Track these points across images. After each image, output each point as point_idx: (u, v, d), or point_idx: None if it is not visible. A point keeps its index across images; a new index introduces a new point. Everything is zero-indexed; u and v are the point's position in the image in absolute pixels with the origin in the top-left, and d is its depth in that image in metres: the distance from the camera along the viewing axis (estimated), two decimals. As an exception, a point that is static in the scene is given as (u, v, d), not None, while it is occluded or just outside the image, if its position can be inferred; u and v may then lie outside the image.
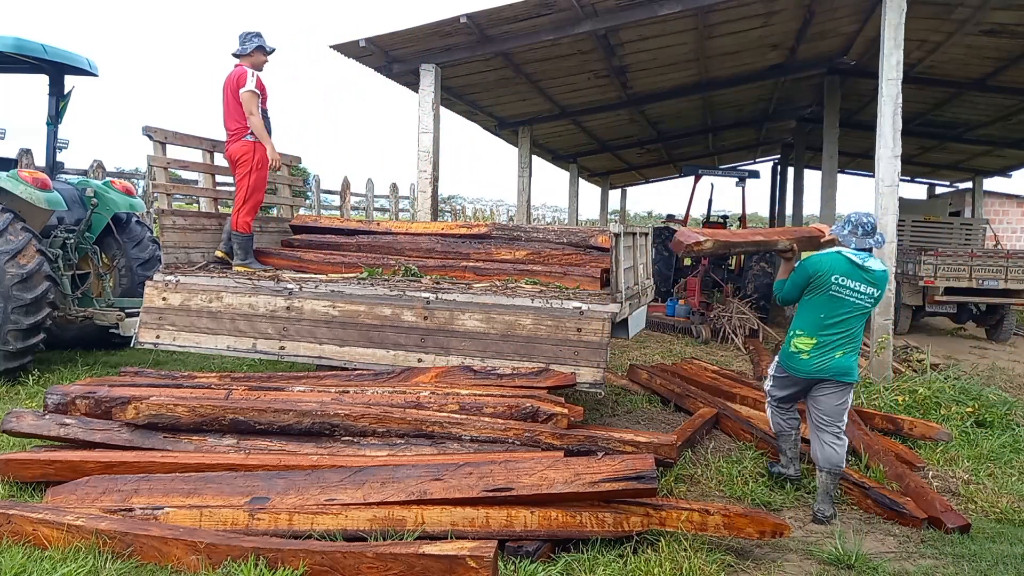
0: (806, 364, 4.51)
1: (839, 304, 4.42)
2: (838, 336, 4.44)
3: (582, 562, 3.55)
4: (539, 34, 8.87)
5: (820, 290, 4.45)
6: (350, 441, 4.28)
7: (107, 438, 4.37)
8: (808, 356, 4.49)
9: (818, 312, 4.47)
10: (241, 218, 6.67)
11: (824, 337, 4.45)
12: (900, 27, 7.70)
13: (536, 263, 6.60)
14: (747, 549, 3.92)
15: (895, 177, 7.68)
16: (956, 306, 12.17)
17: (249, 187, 6.61)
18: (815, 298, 4.48)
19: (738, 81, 13.50)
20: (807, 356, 4.50)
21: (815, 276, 4.46)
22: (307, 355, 5.91)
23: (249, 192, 6.62)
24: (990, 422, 6.33)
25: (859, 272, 4.40)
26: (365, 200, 20.77)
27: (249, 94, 6.46)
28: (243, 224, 6.68)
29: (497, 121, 14.26)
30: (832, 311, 4.43)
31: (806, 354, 4.50)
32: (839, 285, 4.40)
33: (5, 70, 7.58)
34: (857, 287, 4.40)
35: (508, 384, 5.00)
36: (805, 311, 4.55)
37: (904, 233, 14.13)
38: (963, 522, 4.30)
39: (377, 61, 9.18)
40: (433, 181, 9.34)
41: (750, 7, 9.46)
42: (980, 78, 12.37)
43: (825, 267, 4.43)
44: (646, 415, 6.58)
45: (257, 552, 3.30)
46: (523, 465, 3.71)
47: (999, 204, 21.38)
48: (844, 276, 4.40)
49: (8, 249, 6.39)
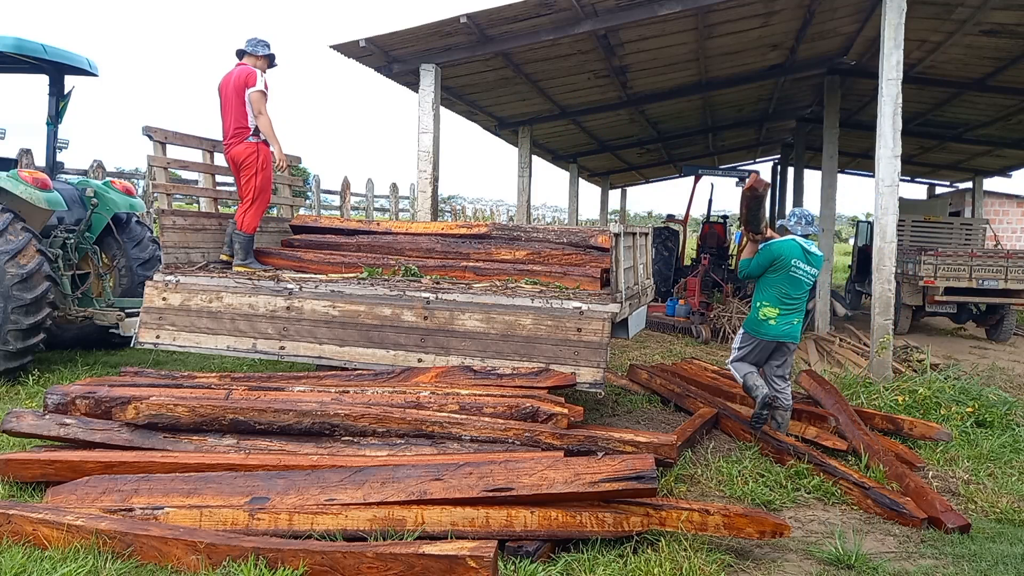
0: (775, 329, 5.64)
1: (796, 282, 5.59)
2: (794, 306, 5.64)
3: (582, 562, 3.55)
4: (539, 34, 8.87)
5: (782, 271, 5.57)
6: (350, 441, 4.28)
7: (107, 438, 4.37)
8: (776, 322, 5.62)
9: (780, 288, 5.60)
10: (248, 219, 6.67)
11: (785, 307, 5.61)
12: (900, 27, 7.70)
13: (536, 263, 6.60)
14: (747, 549, 3.92)
15: (895, 177, 7.69)
16: (956, 306, 12.17)
17: (256, 188, 6.60)
18: (777, 277, 5.60)
19: (738, 81, 13.49)
20: (775, 322, 5.62)
21: (778, 259, 5.57)
22: (307, 355, 5.91)
23: (257, 193, 6.62)
24: (990, 422, 6.33)
25: (807, 256, 5.62)
26: (365, 200, 20.76)
27: (259, 94, 6.41)
28: (249, 225, 6.68)
29: (497, 121, 14.26)
30: (791, 287, 5.59)
31: (774, 320, 5.62)
32: (796, 267, 5.57)
33: (5, 70, 7.58)
34: (807, 268, 5.61)
35: (508, 384, 5.00)
36: (768, 287, 5.65)
37: (904, 233, 14.11)
38: (963, 522, 4.30)
39: (377, 61, 9.18)
40: (433, 181, 9.34)
41: (750, 7, 9.46)
42: (980, 78, 12.36)
43: (787, 252, 5.58)
44: (646, 415, 6.58)
45: (257, 552, 3.31)
46: (523, 465, 3.71)
47: (999, 204, 21.36)
48: (799, 260, 5.58)
49: (8, 249, 6.39)
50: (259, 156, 6.57)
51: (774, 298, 5.59)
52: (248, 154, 6.54)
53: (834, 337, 10.94)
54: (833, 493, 4.79)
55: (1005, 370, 9.41)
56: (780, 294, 5.58)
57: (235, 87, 6.45)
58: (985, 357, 10.44)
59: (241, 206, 6.73)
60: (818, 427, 5.81)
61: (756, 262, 5.68)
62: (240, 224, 6.70)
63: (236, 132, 6.52)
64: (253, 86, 6.40)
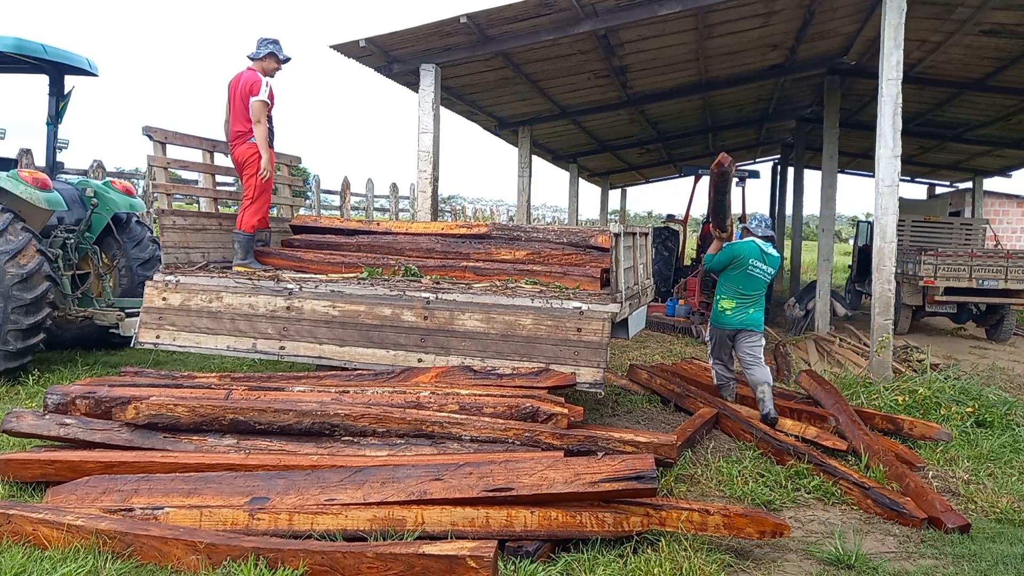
0: (730, 319, 6.36)
1: (752, 279, 6.29)
2: (750, 299, 6.31)
3: (582, 562, 3.55)
4: (539, 34, 8.87)
5: (740, 268, 6.27)
6: (350, 441, 4.28)
7: (107, 438, 4.37)
8: (731, 313, 6.34)
9: (737, 284, 6.32)
10: (247, 218, 6.74)
11: (740, 300, 6.31)
12: (900, 27, 7.70)
13: (536, 263, 6.60)
14: (747, 549, 3.92)
15: (895, 177, 7.69)
16: (956, 306, 12.17)
17: (256, 187, 6.68)
18: (736, 274, 6.30)
19: (738, 81, 13.48)
20: (731, 313, 6.34)
21: (738, 258, 6.28)
22: (307, 355, 5.91)
23: (257, 192, 6.70)
24: (990, 422, 6.33)
25: (764, 256, 6.31)
26: (365, 200, 20.75)
27: (260, 104, 6.53)
28: (248, 224, 6.74)
29: (497, 121, 14.26)
30: (747, 283, 6.29)
31: (730, 311, 6.34)
32: (753, 266, 6.27)
33: (5, 70, 7.58)
34: (763, 267, 6.29)
35: (508, 384, 5.00)
36: (728, 282, 6.37)
37: (904, 233, 14.10)
38: (963, 522, 4.30)
39: (377, 61, 9.18)
40: (433, 181, 9.34)
41: (750, 7, 9.46)
42: (980, 78, 12.36)
43: (746, 252, 6.29)
44: (646, 415, 6.58)
45: (257, 552, 3.30)
46: (523, 465, 3.71)
47: (999, 204, 21.36)
48: (756, 259, 6.27)
49: (8, 249, 6.39)
50: (260, 157, 6.65)
51: (731, 292, 6.34)
52: (250, 155, 6.65)
53: (834, 337, 10.94)
54: (833, 493, 4.79)
55: (1005, 370, 9.41)
56: (736, 289, 6.31)
57: (241, 93, 6.59)
58: (985, 357, 10.44)
59: (242, 205, 6.80)
60: (818, 427, 5.81)
61: (719, 258, 6.42)
62: (239, 223, 6.75)
63: (240, 134, 6.66)
64: (256, 95, 6.52)
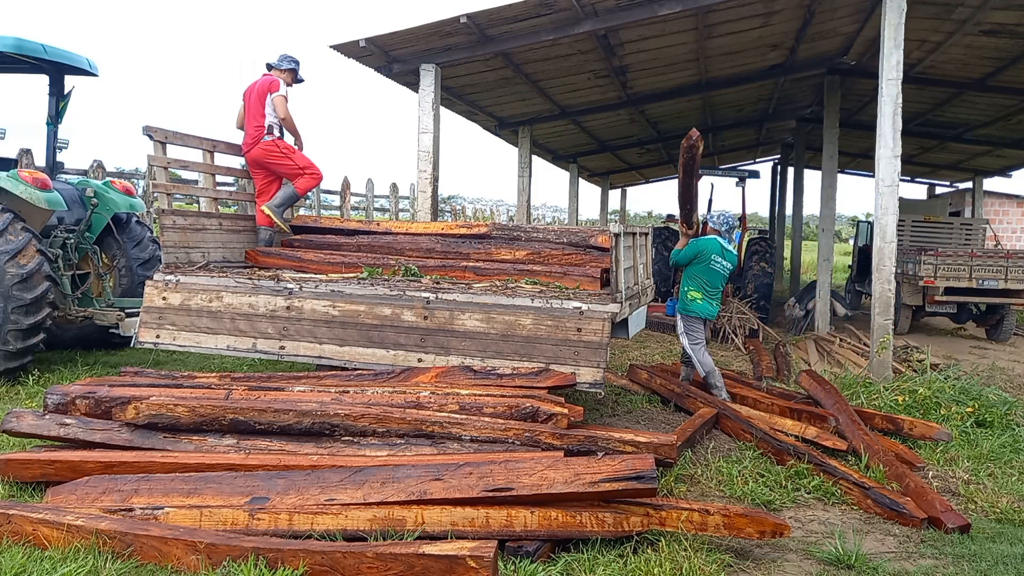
0: (701, 307, 6.95)
1: (714, 273, 6.92)
2: (713, 293, 6.96)
3: (582, 562, 3.55)
4: (539, 34, 8.87)
5: (703, 263, 6.89)
6: (350, 441, 4.28)
7: (107, 438, 4.37)
8: (701, 302, 6.94)
9: (702, 277, 6.91)
10: (303, 183, 7.32)
11: (706, 292, 6.93)
12: (900, 27, 7.70)
13: (536, 263, 6.60)
14: (747, 549, 3.92)
15: (895, 177, 7.69)
16: (956, 306, 12.16)
17: (298, 165, 7.29)
18: (700, 268, 6.91)
19: (738, 81, 13.48)
20: (700, 302, 6.93)
21: (701, 252, 6.90)
22: (307, 355, 5.91)
23: (300, 168, 7.29)
24: (990, 422, 6.33)
25: (724, 252, 6.96)
26: (365, 200, 20.75)
27: (281, 98, 7.17)
28: (303, 188, 7.37)
29: (497, 121, 14.25)
30: (710, 277, 6.92)
31: (700, 300, 6.93)
32: (715, 261, 6.89)
33: (5, 70, 7.58)
34: (723, 263, 6.93)
35: (508, 384, 5.00)
36: (693, 276, 6.96)
37: (904, 233, 14.10)
38: (963, 522, 4.30)
39: (377, 61, 9.18)
40: (433, 181, 9.34)
41: (750, 7, 9.46)
42: (980, 78, 12.36)
43: (708, 248, 6.93)
44: (646, 415, 6.58)
45: (257, 552, 3.30)
46: (523, 465, 3.71)
47: (999, 204, 21.36)
48: (718, 255, 6.91)
49: (8, 249, 6.39)
50: (279, 147, 7.23)
51: (698, 286, 6.94)
52: (268, 150, 7.19)
53: (834, 337, 10.94)
54: (833, 493, 4.78)
55: (1005, 370, 9.40)
56: (702, 282, 6.91)
57: (258, 93, 7.15)
58: (985, 357, 10.44)
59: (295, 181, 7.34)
60: (818, 427, 5.81)
61: (684, 253, 6.99)
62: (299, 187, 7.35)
63: (254, 134, 7.15)
64: (277, 91, 7.15)
